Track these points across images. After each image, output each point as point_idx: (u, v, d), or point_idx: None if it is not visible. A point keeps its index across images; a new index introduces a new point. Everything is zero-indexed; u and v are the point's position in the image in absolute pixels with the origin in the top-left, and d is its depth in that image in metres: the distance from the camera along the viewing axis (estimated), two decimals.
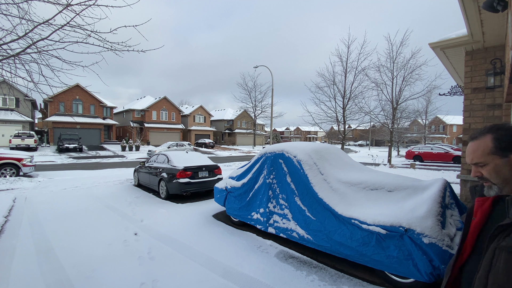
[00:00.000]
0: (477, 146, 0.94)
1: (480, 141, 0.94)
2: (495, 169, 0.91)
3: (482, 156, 0.92)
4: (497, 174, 0.91)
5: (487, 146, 0.92)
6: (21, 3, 2.90)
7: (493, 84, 3.20)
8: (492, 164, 0.91)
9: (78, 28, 3.09)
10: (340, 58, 16.29)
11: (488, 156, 0.91)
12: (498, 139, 0.91)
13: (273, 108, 19.11)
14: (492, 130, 0.93)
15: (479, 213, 1.00)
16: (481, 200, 1.02)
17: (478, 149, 0.94)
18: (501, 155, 0.89)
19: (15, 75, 3.19)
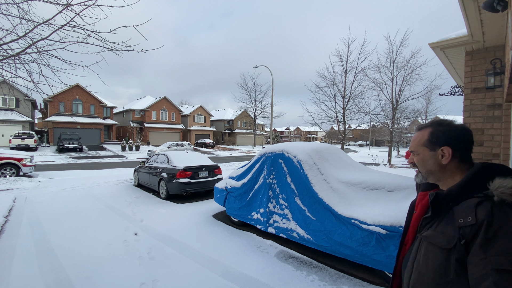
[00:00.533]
0: (416, 136, 1.02)
1: (421, 132, 1.01)
2: (423, 160, 0.98)
3: (417, 146, 1.01)
4: (424, 164, 0.99)
5: (423, 138, 0.99)
6: (21, 3, 2.90)
7: (493, 84, 3.20)
8: (422, 155, 0.99)
9: (78, 28, 3.09)
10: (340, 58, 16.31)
11: (421, 147, 0.99)
12: (433, 133, 0.97)
13: (273, 108, 19.11)
14: (433, 124, 0.99)
15: (419, 206, 1.06)
16: (422, 194, 1.09)
17: (416, 138, 1.01)
18: (430, 148, 0.96)
19: (15, 75, 3.19)
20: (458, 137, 0.94)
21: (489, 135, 3.38)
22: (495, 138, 3.33)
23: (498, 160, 3.31)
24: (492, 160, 3.36)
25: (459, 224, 0.81)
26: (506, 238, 0.72)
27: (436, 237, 0.87)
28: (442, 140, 0.95)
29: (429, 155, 0.97)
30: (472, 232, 0.77)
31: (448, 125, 0.97)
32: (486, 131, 3.41)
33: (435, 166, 0.96)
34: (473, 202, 0.81)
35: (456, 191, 0.88)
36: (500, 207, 0.76)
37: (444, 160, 0.94)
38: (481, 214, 0.77)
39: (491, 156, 3.37)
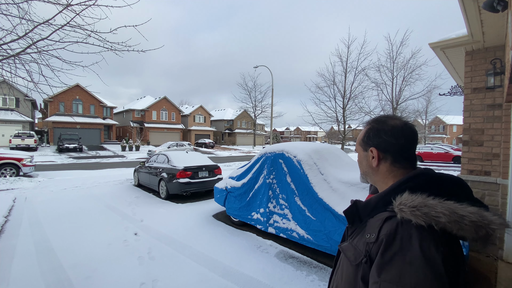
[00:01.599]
0: (359, 134, 0.93)
1: (363, 129, 0.91)
2: (359, 160, 0.91)
3: (356, 144, 0.93)
4: (360, 165, 0.91)
5: (360, 136, 0.90)
6: (21, 3, 2.90)
7: (493, 84, 3.20)
8: (358, 154, 0.91)
9: (78, 28, 3.08)
10: (340, 58, 16.33)
11: (358, 145, 0.91)
12: (368, 131, 0.87)
13: (273, 108, 19.11)
14: (372, 121, 0.89)
15: None
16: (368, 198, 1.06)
17: (358, 136, 0.92)
18: (363, 147, 0.88)
19: (15, 75, 3.18)
20: (388, 137, 0.81)
21: (489, 135, 3.38)
22: (495, 138, 3.33)
23: (498, 160, 3.31)
24: (492, 160, 3.36)
25: (366, 240, 0.73)
26: (402, 266, 0.61)
27: (348, 250, 0.80)
28: (372, 140, 0.85)
29: (362, 155, 0.89)
30: (375, 250, 0.69)
31: (382, 122, 0.84)
32: (486, 131, 3.41)
33: (368, 167, 0.87)
34: (382, 217, 0.72)
35: (374, 201, 0.79)
36: (407, 227, 0.66)
37: (373, 162, 0.85)
38: (383, 231, 0.69)
39: (491, 156, 3.37)
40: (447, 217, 0.62)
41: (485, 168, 3.42)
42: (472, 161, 3.52)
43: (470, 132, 3.52)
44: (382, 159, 0.83)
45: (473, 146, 3.50)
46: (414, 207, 0.65)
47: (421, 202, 0.66)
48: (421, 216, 0.64)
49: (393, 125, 0.82)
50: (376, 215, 0.76)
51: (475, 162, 3.50)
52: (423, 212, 0.64)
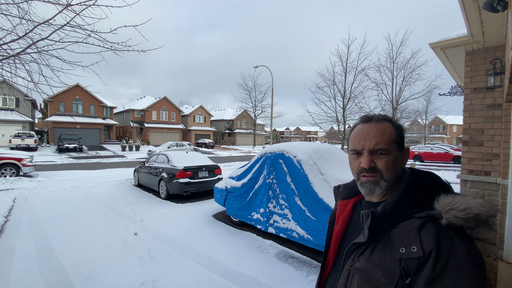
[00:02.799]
0: (383, 130, 0.76)
1: (384, 125, 0.77)
2: (394, 161, 0.75)
3: (389, 143, 0.75)
4: (393, 168, 0.75)
5: (393, 133, 0.76)
6: (21, 3, 2.90)
7: (493, 84, 3.20)
8: (393, 155, 0.75)
9: (78, 28, 3.08)
10: (340, 58, 16.31)
11: (392, 144, 0.76)
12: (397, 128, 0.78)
13: (273, 108, 19.11)
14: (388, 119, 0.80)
15: (340, 219, 0.89)
16: (342, 204, 0.91)
17: (385, 133, 0.76)
18: (398, 147, 0.77)
19: (15, 75, 3.18)
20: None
21: (489, 135, 3.38)
22: (495, 138, 3.32)
23: (498, 160, 3.31)
24: (492, 160, 3.36)
25: (400, 256, 0.64)
26: (455, 274, 0.58)
27: (372, 271, 0.68)
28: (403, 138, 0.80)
29: (397, 157, 0.76)
30: (418, 265, 0.61)
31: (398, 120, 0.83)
32: (486, 131, 3.40)
33: (399, 170, 0.77)
34: (414, 225, 0.66)
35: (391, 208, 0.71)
36: (446, 232, 0.62)
37: (406, 163, 0.79)
38: (427, 242, 0.62)
39: (491, 156, 3.37)
40: (484, 215, 0.61)
41: (485, 168, 3.42)
42: (472, 161, 3.52)
43: (470, 132, 3.51)
44: None
45: (473, 146, 3.49)
46: (465, 210, 0.61)
47: (466, 204, 0.63)
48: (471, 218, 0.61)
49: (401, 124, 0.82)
50: (401, 225, 0.68)
51: (475, 162, 3.49)
52: (473, 213, 0.61)
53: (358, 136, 0.79)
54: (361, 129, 0.79)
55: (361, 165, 0.77)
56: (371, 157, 0.75)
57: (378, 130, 0.76)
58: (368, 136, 0.76)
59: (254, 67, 19.32)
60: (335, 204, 0.96)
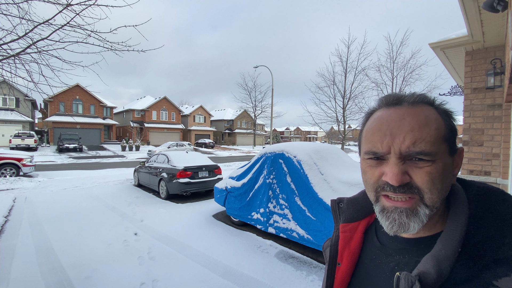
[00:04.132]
0: (425, 118, 0.45)
1: (425, 111, 0.47)
2: (443, 173, 0.45)
3: (436, 141, 0.44)
4: (442, 182, 0.45)
5: (441, 125, 0.46)
6: (21, 3, 2.90)
7: (493, 84, 3.20)
8: (442, 162, 0.45)
9: (78, 28, 3.08)
10: (340, 58, 16.34)
11: (442, 143, 0.45)
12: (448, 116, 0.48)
13: (273, 108, 19.12)
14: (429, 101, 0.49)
15: (346, 255, 0.58)
16: (348, 229, 0.60)
17: (429, 123, 0.45)
18: (451, 148, 0.47)
19: (15, 75, 3.18)
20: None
21: (489, 135, 3.38)
22: (495, 138, 3.33)
23: (498, 160, 3.31)
24: (492, 160, 3.36)
25: None
26: None
27: None
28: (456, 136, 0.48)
29: (450, 164, 0.47)
30: None
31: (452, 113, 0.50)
32: (486, 131, 3.41)
33: (448, 185, 0.47)
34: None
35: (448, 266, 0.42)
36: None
37: (457, 173, 0.49)
38: None
39: (491, 156, 3.37)
40: None
41: (485, 168, 3.42)
42: (472, 161, 3.52)
43: (470, 132, 3.51)
44: None
45: (473, 146, 3.50)
46: None
47: None
48: None
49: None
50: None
51: (475, 162, 3.50)
52: None
53: (381, 130, 0.47)
54: (385, 118, 0.48)
55: (385, 178, 0.46)
56: (403, 166, 0.45)
57: (416, 119, 0.45)
58: (399, 130, 0.45)
59: (254, 67, 19.34)
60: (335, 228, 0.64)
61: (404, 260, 0.49)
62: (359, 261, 0.58)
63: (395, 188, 0.45)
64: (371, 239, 0.58)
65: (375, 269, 0.54)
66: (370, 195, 0.51)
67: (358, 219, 0.61)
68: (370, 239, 0.58)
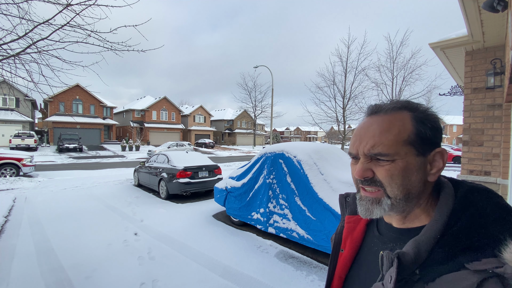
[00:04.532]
0: (388, 125, 0.54)
1: (395, 117, 0.54)
2: (405, 171, 0.52)
3: (394, 144, 0.52)
4: (403, 180, 0.52)
5: (405, 129, 0.53)
6: (21, 3, 2.90)
7: (493, 84, 3.20)
8: (403, 162, 0.52)
9: (78, 28, 3.08)
10: (340, 58, 16.33)
11: (403, 146, 0.52)
12: (421, 122, 0.54)
13: (273, 108, 19.12)
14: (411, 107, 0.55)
15: (349, 243, 0.67)
16: (352, 220, 0.70)
17: (390, 129, 0.53)
18: (418, 149, 0.53)
19: (15, 75, 3.18)
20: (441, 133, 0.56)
21: (489, 135, 3.38)
22: (495, 138, 3.33)
23: (498, 160, 3.31)
24: (492, 160, 3.36)
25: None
26: None
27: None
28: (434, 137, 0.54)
29: (416, 163, 0.53)
30: None
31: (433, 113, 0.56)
32: (486, 131, 3.41)
33: (420, 184, 0.53)
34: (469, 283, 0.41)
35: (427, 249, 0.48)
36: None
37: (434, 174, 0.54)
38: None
39: (491, 156, 3.37)
40: None
41: (485, 168, 3.42)
42: (472, 161, 3.52)
43: (470, 132, 3.52)
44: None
45: (473, 146, 3.50)
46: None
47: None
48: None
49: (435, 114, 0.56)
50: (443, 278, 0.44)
51: (475, 162, 3.50)
52: None
53: (355, 135, 0.59)
54: (361, 126, 0.59)
55: (353, 173, 0.58)
56: (367, 164, 0.55)
57: (379, 126, 0.54)
58: (365, 135, 0.55)
59: (254, 67, 19.34)
60: (341, 219, 0.74)
61: (396, 246, 0.57)
62: (360, 249, 0.67)
63: (362, 181, 0.57)
64: (372, 230, 0.67)
65: (372, 255, 0.62)
66: (355, 186, 0.62)
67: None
68: (371, 230, 0.67)
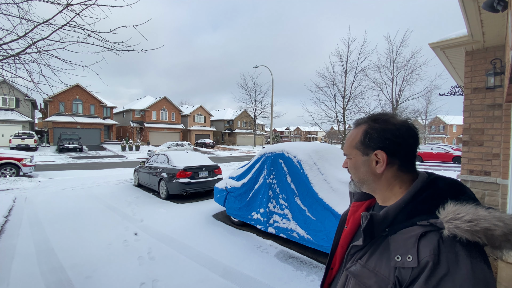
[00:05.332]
0: (350, 135, 0.82)
1: (355, 130, 0.80)
2: (355, 165, 0.79)
3: (349, 147, 0.80)
4: (356, 171, 0.79)
5: (356, 138, 0.78)
6: (21, 3, 2.90)
7: (493, 84, 3.20)
8: (354, 159, 0.79)
9: (78, 28, 3.08)
10: (340, 58, 16.32)
11: (353, 149, 0.79)
12: (367, 132, 0.76)
13: (273, 108, 19.12)
14: (370, 120, 0.78)
15: (351, 221, 0.87)
16: (356, 205, 0.89)
17: (349, 138, 0.81)
18: (363, 151, 0.76)
19: (15, 75, 3.18)
20: (396, 137, 0.71)
21: (489, 135, 3.38)
22: (495, 138, 3.33)
23: (498, 160, 3.31)
24: (492, 160, 3.36)
25: (395, 264, 0.61)
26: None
27: (365, 276, 0.67)
28: (376, 142, 0.73)
29: (361, 161, 0.77)
30: (412, 276, 0.58)
31: (385, 121, 0.74)
32: (486, 131, 3.41)
33: (368, 174, 0.76)
34: (415, 233, 0.61)
35: (393, 214, 0.68)
36: (450, 245, 0.56)
37: (379, 168, 0.73)
38: (424, 252, 0.57)
39: (491, 156, 3.37)
40: (501, 230, 0.54)
41: (485, 168, 3.42)
42: (472, 161, 3.52)
43: (470, 132, 3.51)
44: (389, 163, 0.72)
45: (473, 146, 3.50)
46: (470, 221, 0.55)
47: (474, 214, 0.56)
48: (479, 231, 0.54)
49: (399, 123, 0.73)
50: (401, 231, 0.64)
51: (475, 162, 3.49)
52: (481, 227, 0.54)
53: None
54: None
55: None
56: (346, 159, 0.84)
57: (349, 136, 0.83)
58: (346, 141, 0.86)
59: (254, 67, 19.34)
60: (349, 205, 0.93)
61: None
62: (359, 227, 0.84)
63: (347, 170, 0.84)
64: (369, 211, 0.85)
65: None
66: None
67: (363, 199, 0.89)
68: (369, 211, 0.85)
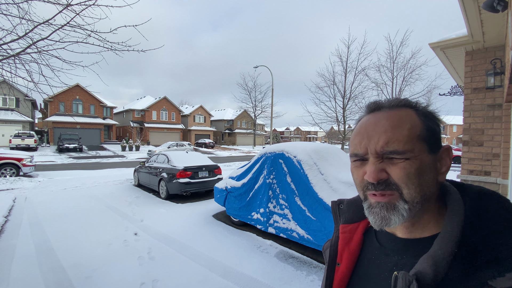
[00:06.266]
0: (399, 120, 0.49)
1: (401, 113, 0.50)
2: (420, 170, 0.47)
3: (409, 140, 0.47)
4: (420, 180, 0.47)
5: (416, 124, 0.49)
6: (21, 3, 2.90)
7: (493, 84, 3.20)
8: (418, 159, 0.47)
9: (78, 28, 3.08)
10: (340, 58, 16.34)
11: (416, 141, 0.47)
12: (428, 117, 0.51)
13: (273, 108, 19.13)
14: (409, 104, 0.52)
15: (345, 255, 0.60)
16: (347, 230, 0.62)
17: (402, 124, 0.48)
18: (431, 147, 0.49)
19: (15, 75, 3.18)
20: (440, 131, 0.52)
21: (489, 135, 3.38)
22: (495, 138, 3.33)
23: (498, 160, 3.31)
24: (492, 160, 3.36)
25: None
26: None
27: None
28: (439, 135, 0.51)
29: (429, 161, 0.48)
30: None
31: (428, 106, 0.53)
32: (486, 131, 3.41)
33: (434, 184, 0.49)
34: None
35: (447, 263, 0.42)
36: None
37: (445, 171, 0.50)
38: None
39: (491, 156, 3.37)
40: None
41: (485, 168, 3.42)
42: (472, 161, 3.52)
43: (470, 132, 3.51)
44: None
45: (473, 146, 3.50)
46: None
47: None
48: None
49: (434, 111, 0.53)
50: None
51: (475, 162, 3.50)
52: None
53: (359, 134, 0.52)
54: (365, 123, 0.53)
55: (366, 177, 0.50)
56: (380, 165, 0.48)
57: (389, 121, 0.49)
58: (374, 132, 0.49)
59: (254, 67, 19.35)
60: (335, 229, 0.66)
61: (402, 260, 0.51)
62: (358, 262, 0.59)
63: (375, 186, 0.49)
64: (371, 240, 0.60)
65: (373, 269, 0.55)
66: (360, 194, 0.54)
67: (358, 220, 0.63)
68: (370, 240, 0.60)
